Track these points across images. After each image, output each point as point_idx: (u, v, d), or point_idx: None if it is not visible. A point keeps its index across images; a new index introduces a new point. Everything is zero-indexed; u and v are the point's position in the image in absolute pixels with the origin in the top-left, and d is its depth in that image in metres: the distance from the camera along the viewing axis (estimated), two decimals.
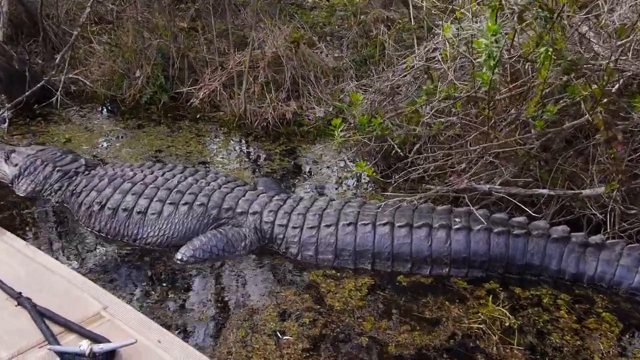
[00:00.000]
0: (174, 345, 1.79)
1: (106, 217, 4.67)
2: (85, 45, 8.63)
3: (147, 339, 1.78)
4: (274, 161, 6.06)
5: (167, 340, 1.81)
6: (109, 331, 1.80)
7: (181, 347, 1.78)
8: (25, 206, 5.10)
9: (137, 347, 1.70)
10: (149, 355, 1.72)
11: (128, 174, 5.00)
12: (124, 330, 1.83)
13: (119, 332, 1.81)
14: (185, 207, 4.56)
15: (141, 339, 1.76)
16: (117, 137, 6.66)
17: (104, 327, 1.84)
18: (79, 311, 1.90)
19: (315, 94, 7.30)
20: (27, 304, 1.93)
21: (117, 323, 1.87)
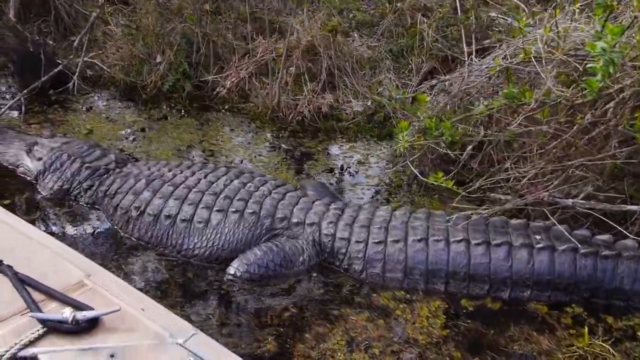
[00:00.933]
0: (157, 312, 1.77)
1: (146, 224, 4.24)
2: (102, 27, 8.05)
3: (131, 307, 1.76)
4: (317, 161, 5.62)
5: (151, 308, 1.79)
6: (92, 299, 1.77)
7: (164, 314, 1.76)
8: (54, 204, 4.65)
9: (121, 315, 1.68)
10: (132, 322, 1.70)
11: (167, 175, 4.56)
12: (107, 298, 1.81)
13: (102, 300, 1.78)
14: (236, 215, 4.14)
15: (124, 306, 1.74)
16: (142, 128, 6.17)
17: (87, 295, 1.81)
18: (61, 279, 1.87)
19: (351, 86, 6.84)
20: (8, 271, 1.89)
21: (100, 291, 1.84)
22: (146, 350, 1.62)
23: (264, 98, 6.67)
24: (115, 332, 1.68)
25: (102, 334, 1.67)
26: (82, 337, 1.65)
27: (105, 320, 1.70)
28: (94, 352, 1.60)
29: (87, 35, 7.11)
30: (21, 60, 7.07)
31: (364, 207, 4.34)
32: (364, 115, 6.49)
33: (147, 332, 1.69)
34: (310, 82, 6.74)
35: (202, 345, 1.66)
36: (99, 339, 1.65)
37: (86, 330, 1.67)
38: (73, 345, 1.62)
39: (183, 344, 1.65)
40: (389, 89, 6.73)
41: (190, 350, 1.63)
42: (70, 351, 1.60)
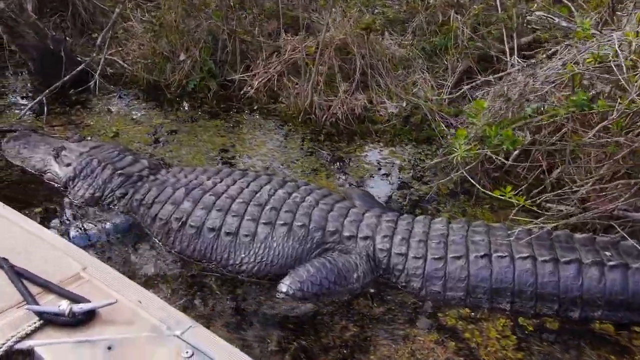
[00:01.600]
0: (154, 304, 1.76)
1: (188, 237, 4.00)
2: (123, 23, 7.78)
3: (128, 299, 1.76)
4: (358, 166, 5.36)
5: (148, 300, 1.78)
6: (89, 291, 1.76)
7: (162, 306, 1.76)
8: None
9: (118, 307, 1.68)
10: (129, 314, 1.70)
11: (207, 184, 4.31)
12: (104, 291, 1.80)
13: (99, 292, 1.78)
14: (284, 228, 3.90)
15: (121, 298, 1.74)
16: (171, 131, 5.92)
17: (84, 287, 1.80)
18: (58, 272, 1.87)
19: (385, 87, 6.58)
20: (3, 264, 1.90)
21: (96, 283, 1.84)
22: (143, 343, 1.61)
23: (295, 99, 6.41)
24: (112, 325, 1.66)
25: (99, 326, 1.65)
26: (79, 330, 1.63)
27: (102, 312, 1.69)
28: (90, 345, 1.58)
29: (110, 32, 6.84)
30: (41, 59, 6.80)
31: (417, 219, 4.09)
32: (399, 117, 6.23)
33: (145, 324, 1.67)
34: (343, 82, 6.48)
35: (199, 338, 1.64)
36: (96, 331, 1.64)
37: (83, 323, 1.65)
38: (70, 337, 1.60)
39: (180, 336, 1.63)
40: (424, 90, 6.47)
41: (188, 342, 1.61)
42: (67, 344, 1.59)
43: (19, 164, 5.13)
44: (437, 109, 6.15)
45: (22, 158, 5.15)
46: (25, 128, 5.82)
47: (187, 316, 1.76)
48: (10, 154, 5.24)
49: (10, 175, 5.03)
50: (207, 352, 1.58)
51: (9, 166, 5.14)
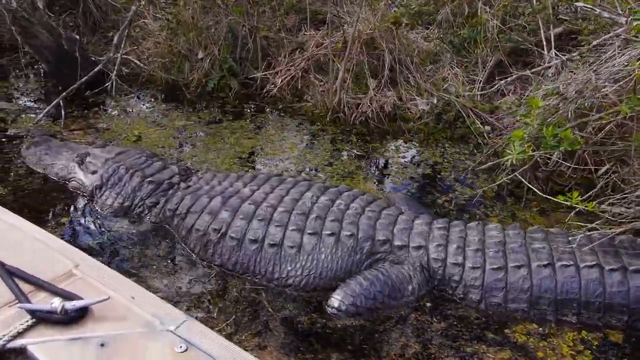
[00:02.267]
0: (147, 300, 1.75)
1: (229, 249, 3.77)
2: (137, 20, 7.51)
3: (120, 295, 1.75)
4: (396, 168, 5.11)
5: (141, 296, 1.76)
6: (82, 289, 1.74)
7: (155, 302, 1.75)
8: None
9: (110, 304, 1.67)
10: (122, 311, 1.69)
11: (244, 192, 4.07)
12: (96, 288, 1.78)
13: (91, 290, 1.76)
14: (331, 238, 3.67)
15: (114, 295, 1.72)
16: (195, 133, 5.68)
17: (76, 284, 1.78)
18: (50, 270, 1.86)
19: (414, 83, 6.32)
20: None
21: (89, 280, 1.82)
22: (137, 338, 1.60)
23: (322, 97, 6.16)
24: (105, 321, 1.65)
25: (91, 323, 1.64)
26: (72, 327, 1.62)
27: (95, 309, 1.67)
28: (83, 342, 1.57)
29: (127, 31, 6.58)
30: (56, 59, 6.55)
31: (470, 225, 3.86)
32: (431, 114, 5.98)
33: (138, 320, 1.66)
34: (372, 79, 6.23)
35: (193, 332, 1.62)
36: (89, 328, 1.62)
37: (76, 320, 1.64)
38: (62, 335, 1.59)
39: (174, 331, 1.62)
40: (455, 86, 6.22)
41: (182, 337, 1.60)
42: (59, 341, 1.57)
43: (41, 171, 4.90)
44: (471, 105, 5.90)
45: (44, 165, 4.92)
46: (44, 133, 5.59)
47: (181, 311, 1.72)
48: (31, 161, 5.00)
49: (32, 184, 4.79)
50: (200, 346, 1.55)
51: (29, 173, 4.91)
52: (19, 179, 4.83)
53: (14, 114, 6.02)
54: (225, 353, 1.55)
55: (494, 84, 6.07)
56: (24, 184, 4.76)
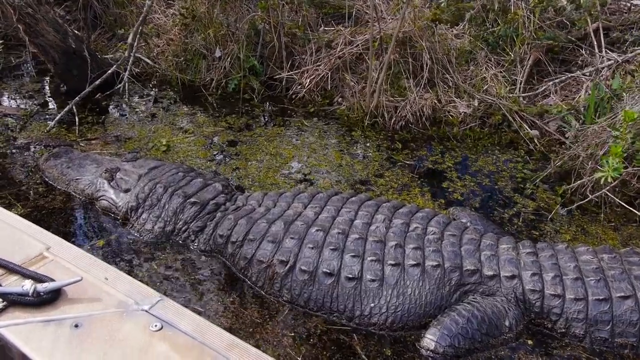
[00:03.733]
0: (121, 280, 1.73)
1: (300, 284, 3.37)
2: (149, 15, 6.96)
3: (93, 277, 1.73)
4: (452, 180, 4.74)
5: (114, 277, 1.74)
6: (54, 271, 1.72)
7: (128, 282, 1.73)
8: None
9: (83, 285, 1.66)
10: (95, 292, 1.67)
11: (307, 214, 3.67)
12: (69, 270, 1.75)
13: (64, 272, 1.73)
14: (417, 270, 3.30)
15: (87, 277, 1.71)
16: (229, 142, 5.22)
17: (48, 267, 1.76)
18: (20, 253, 1.82)
19: (452, 84, 5.96)
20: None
21: (61, 263, 1.79)
22: (111, 319, 1.58)
23: (357, 99, 5.76)
24: (78, 303, 1.63)
25: (64, 305, 1.62)
26: (45, 309, 1.60)
27: (68, 291, 1.65)
28: (57, 323, 1.55)
29: (141, 28, 6.06)
30: (65, 60, 5.99)
31: (558, 248, 3.54)
32: (474, 117, 5.64)
33: (111, 301, 1.65)
34: (408, 79, 5.85)
35: (168, 311, 1.60)
36: (62, 310, 1.60)
37: (48, 302, 1.61)
38: (35, 317, 1.57)
39: (149, 311, 1.60)
40: (496, 87, 5.88)
41: (157, 316, 1.58)
42: (32, 324, 1.56)
43: (63, 187, 4.41)
44: (517, 108, 5.58)
45: (66, 180, 4.42)
46: (62, 142, 5.08)
47: (155, 290, 1.69)
48: (51, 175, 4.51)
49: (54, 202, 4.31)
50: (175, 324, 1.54)
51: (50, 190, 4.42)
52: (38, 197, 4.34)
53: (21, 121, 5.47)
54: (199, 329, 1.53)
55: (537, 84, 5.75)
56: (44, 203, 4.28)
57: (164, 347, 1.47)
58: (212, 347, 1.47)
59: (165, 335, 1.51)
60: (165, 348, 1.47)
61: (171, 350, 1.46)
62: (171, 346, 1.47)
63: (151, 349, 1.47)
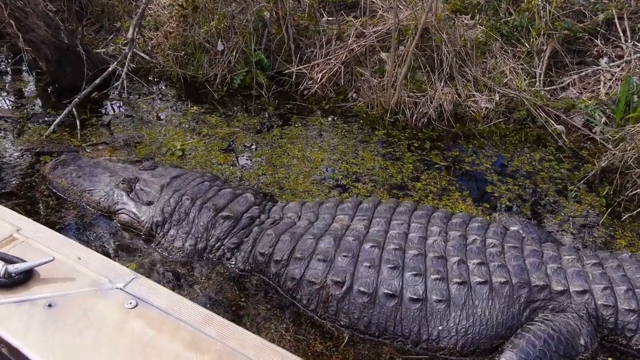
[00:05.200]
0: (94, 260, 1.73)
1: (359, 307, 3.11)
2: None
3: (66, 257, 1.71)
4: (492, 182, 4.52)
5: (87, 256, 1.73)
6: (25, 252, 1.69)
7: (102, 261, 1.73)
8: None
9: (55, 265, 1.64)
10: (68, 271, 1.66)
11: (356, 228, 3.41)
12: (40, 250, 1.73)
13: (35, 252, 1.71)
14: (484, 288, 3.09)
15: (59, 256, 1.69)
16: (248, 144, 4.87)
17: (19, 248, 1.74)
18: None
19: (472, 78, 5.74)
20: None
21: (32, 244, 1.77)
22: (85, 297, 1.57)
23: (376, 95, 5.48)
24: (51, 283, 1.62)
25: (37, 285, 1.61)
26: (17, 290, 1.58)
27: (40, 271, 1.64)
28: (30, 304, 1.54)
29: (141, 21, 5.63)
30: (58, 57, 5.52)
31: (622, 257, 3.38)
32: (497, 113, 5.44)
33: (85, 280, 1.63)
34: (428, 73, 5.60)
35: (142, 288, 1.59)
36: (35, 290, 1.59)
37: (20, 283, 1.59)
38: (7, 298, 1.55)
39: (123, 289, 1.60)
40: (516, 80, 5.69)
41: (131, 294, 1.57)
42: (4, 304, 1.54)
43: (75, 199, 4.02)
44: (541, 102, 5.40)
45: (78, 192, 4.03)
46: (67, 148, 4.67)
47: (129, 269, 1.66)
48: (60, 186, 4.11)
49: (66, 218, 3.93)
50: (150, 301, 1.53)
51: (61, 204, 4.03)
52: (50, 211, 3.95)
53: (18, 124, 5.01)
54: (174, 305, 1.52)
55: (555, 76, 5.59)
56: (57, 220, 3.89)
57: (139, 324, 1.45)
58: (188, 322, 1.46)
59: (140, 312, 1.50)
60: (141, 324, 1.45)
61: (147, 326, 1.44)
62: (147, 322, 1.46)
63: (127, 326, 1.46)
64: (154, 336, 1.42)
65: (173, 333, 1.43)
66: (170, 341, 1.41)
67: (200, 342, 1.41)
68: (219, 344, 1.40)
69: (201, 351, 1.38)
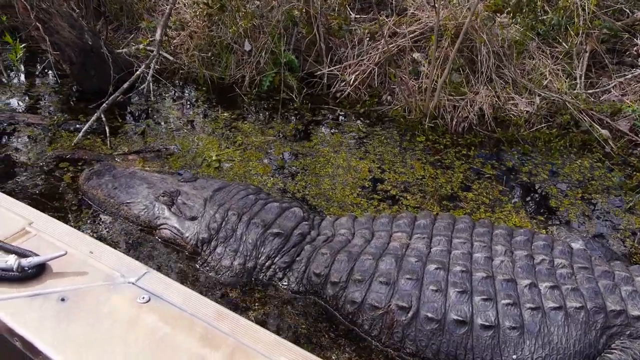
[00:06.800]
0: (106, 254, 1.72)
1: (427, 334, 2.95)
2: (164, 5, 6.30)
3: (78, 251, 1.70)
4: (544, 194, 4.33)
5: (100, 251, 1.72)
6: (37, 246, 1.67)
7: (114, 255, 1.72)
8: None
9: (68, 259, 1.63)
10: (80, 266, 1.65)
11: (417, 248, 3.24)
12: (52, 244, 1.72)
13: (47, 246, 1.70)
14: (559, 314, 2.92)
15: (72, 250, 1.68)
16: (287, 153, 4.67)
17: (31, 242, 1.73)
18: (2, 228, 1.77)
19: (510, 80, 5.55)
20: None
21: (44, 237, 1.76)
22: (98, 292, 1.56)
23: (416, 99, 5.28)
24: (64, 277, 1.60)
25: (50, 279, 1.59)
26: (30, 284, 1.57)
27: (53, 265, 1.62)
28: (43, 298, 1.53)
29: (168, 20, 5.42)
30: (81, 59, 5.31)
31: None
32: (539, 117, 5.25)
33: (97, 274, 1.62)
34: (467, 75, 5.41)
35: (155, 283, 1.57)
36: (48, 284, 1.58)
37: (33, 277, 1.58)
38: (20, 292, 1.54)
39: (135, 283, 1.58)
40: (556, 82, 5.50)
41: (144, 288, 1.55)
42: (17, 298, 1.53)
43: (112, 212, 3.84)
44: (585, 106, 5.21)
45: (115, 204, 3.83)
46: (97, 157, 4.48)
47: (141, 263, 1.65)
48: (96, 198, 3.91)
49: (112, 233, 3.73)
50: (163, 296, 1.53)
51: (95, 216, 3.84)
52: (96, 225, 3.75)
53: (49, 131, 4.81)
54: (188, 301, 1.52)
55: (595, 78, 5.39)
56: (109, 236, 3.69)
57: (152, 319, 1.45)
58: (202, 318, 1.46)
59: (153, 307, 1.49)
60: (154, 319, 1.44)
61: (160, 321, 1.44)
62: (160, 318, 1.45)
63: (140, 320, 1.45)
64: (167, 331, 1.41)
65: (186, 328, 1.42)
66: (183, 336, 1.40)
67: (213, 337, 1.40)
68: (231, 340, 1.38)
69: (214, 347, 1.37)
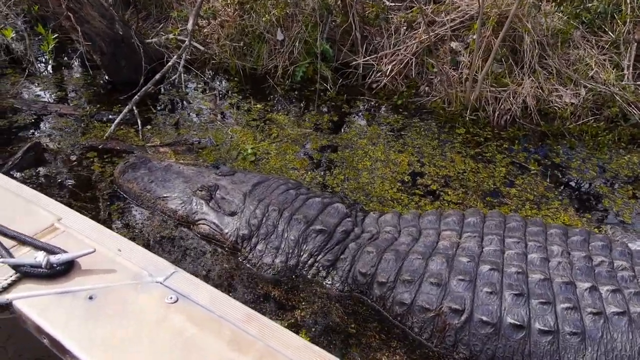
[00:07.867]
0: (134, 252, 1.70)
1: (482, 338, 2.79)
2: None
3: (106, 248, 1.69)
4: (596, 193, 4.11)
5: (128, 249, 1.71)
6: (66, 242, 1.67)
7: (142, 254, 1.70)
8: None
9: (96, 257, 1.62)
10: (108, 263, 1.65)
11: (469, 247, 3.08)
12: (81, 241, 1.72)
13: (75, 243, 1.69)
14: (623, 319, 2.74)
15: (100, 248, 1.67)
16: (324, 147, 4.52)
17: (60, 238, 1.72)
18: (31, 224, 1.78)
19: (554, 70, 5.32)
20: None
21: (73, 234, 1.75)
22: (126, 290, 1.55)
23: (456, 90, 5.09)
24: (92, 274, 1.60)
25: (78, 276, 1.58)
26: (58, 281, 1.56)
27: (81, 262, 1.61)
28: (71, 295, 1.52)
29: (200, 9, 5.29)
30: (112, 49, 5.22)
31: None
32: (585, 110, 5.02)
33: (126, 272, 1.61)
34: (508, 66, 5.20)
35: (183, 283, 1.56)
36: (76, 281, 1.57)
37: (62, 274, 1.57)
38: (49, 289, 1.53)
39: (163, 282, 1.56)
40: (602, 73, 5.25)
41: (172, 288, 1.54)
42: (46, 296, 1.52)
43: (149, 206, 3.73)
44: (634, 98, 4.97)
45: (151, 198, 3.73)
46: (129, 148, 4.39)
47: (169, 262, 1.61)
48: (132, 191, 3.82)
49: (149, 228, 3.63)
50: (191, 296, 1.50)
51: (127, 209, 3.74)
52: (138, 222, 3.65)
53: (82, 122, 4.73)
54: (216, 302, 1.50)
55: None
56: (151, 230, 3.59)
57: (180, 319, 1.43)
58: (230, 319, 1.44)
59: (181, 308, 1.48)
60: (182, 320, 1.43)
61: (188, 322, 1.42)
62: (188, 318, 1.43)
63: (167, 321, 1.43)
64: (194, 332, 1.39)
65: (215, 330, 1.40)
66: (211, 339, 1.37)
67: (241, 340, 1.37)
68: (260, 343, 1.35)
69: (242, 350, 1.34)
